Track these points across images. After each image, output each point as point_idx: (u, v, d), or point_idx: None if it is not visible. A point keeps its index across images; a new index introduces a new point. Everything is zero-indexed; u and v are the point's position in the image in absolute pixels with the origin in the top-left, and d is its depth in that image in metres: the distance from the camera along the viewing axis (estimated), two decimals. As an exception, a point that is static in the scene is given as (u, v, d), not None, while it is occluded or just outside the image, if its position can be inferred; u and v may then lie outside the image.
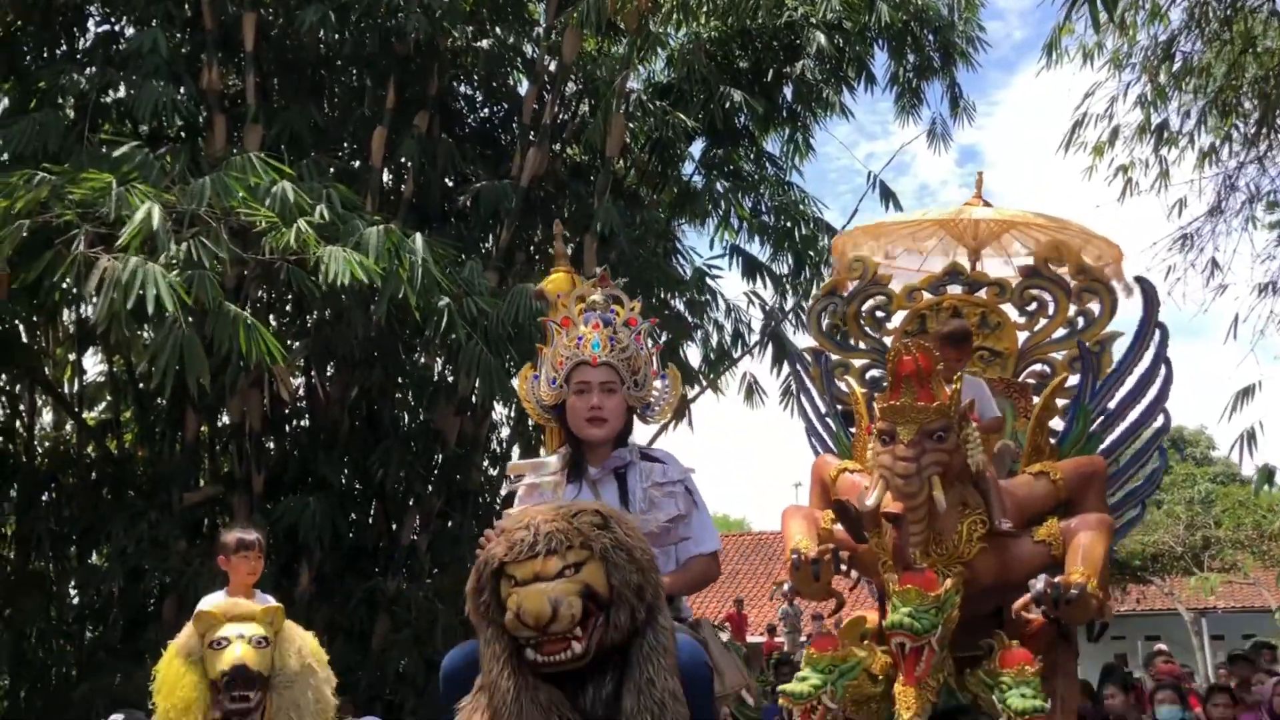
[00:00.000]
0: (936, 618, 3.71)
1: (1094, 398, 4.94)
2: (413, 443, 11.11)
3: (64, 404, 11.78)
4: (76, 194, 6.84)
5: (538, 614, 2.47)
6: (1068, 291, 5.27)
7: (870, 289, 5.39)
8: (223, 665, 3.84)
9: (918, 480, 3.84)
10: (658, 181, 13.32)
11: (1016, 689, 3.71)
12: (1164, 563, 19.94)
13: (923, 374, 3.90)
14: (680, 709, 2.60)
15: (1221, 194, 9.57)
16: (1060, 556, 4.10)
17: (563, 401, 3.39)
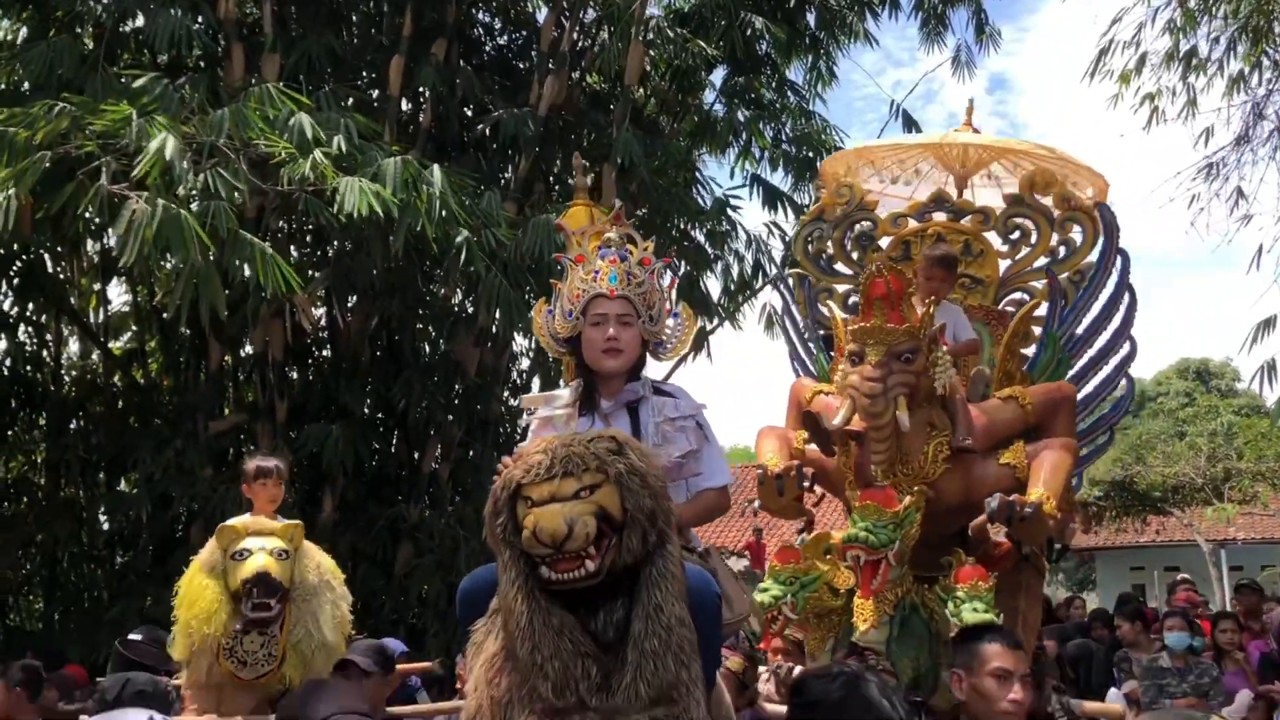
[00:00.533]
0: (894, 533, 3.79)
1: (1062, 325, 4.97)
2: (434, 373, 11.22)
3: (89, 334, 11.94)
4: (97, 125, 6.86)
5: (553, 532, 2.52)
6: (1051, 221, 5.25)
7: (856, 215, 5.36)
8: (245, 574, 3.92)
9: (883, 400, 3.90)
10: (678, 111, 13.19)
11: (969, 603, 3.80)
12: (1184, 494, 19.96)
13: (894, 296, 3.93)
14: (687, 634, 2.66)
15: (1249, 122, 9.41)
16: (1024, 478, 4.16)
17: (578, 334, 3.43)
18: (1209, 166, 9.70)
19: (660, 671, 2.58)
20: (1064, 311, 5.02)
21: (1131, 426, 25.16)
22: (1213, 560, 20.39)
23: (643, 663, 2.58)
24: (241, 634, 4.02)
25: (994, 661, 3.06)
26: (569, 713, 2.59)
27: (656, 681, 2.57)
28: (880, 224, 5.40)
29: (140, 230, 6.27)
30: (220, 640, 4.04)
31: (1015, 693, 3.02)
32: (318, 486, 10.47)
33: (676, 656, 2.60)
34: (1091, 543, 23.86)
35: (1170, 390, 33.32)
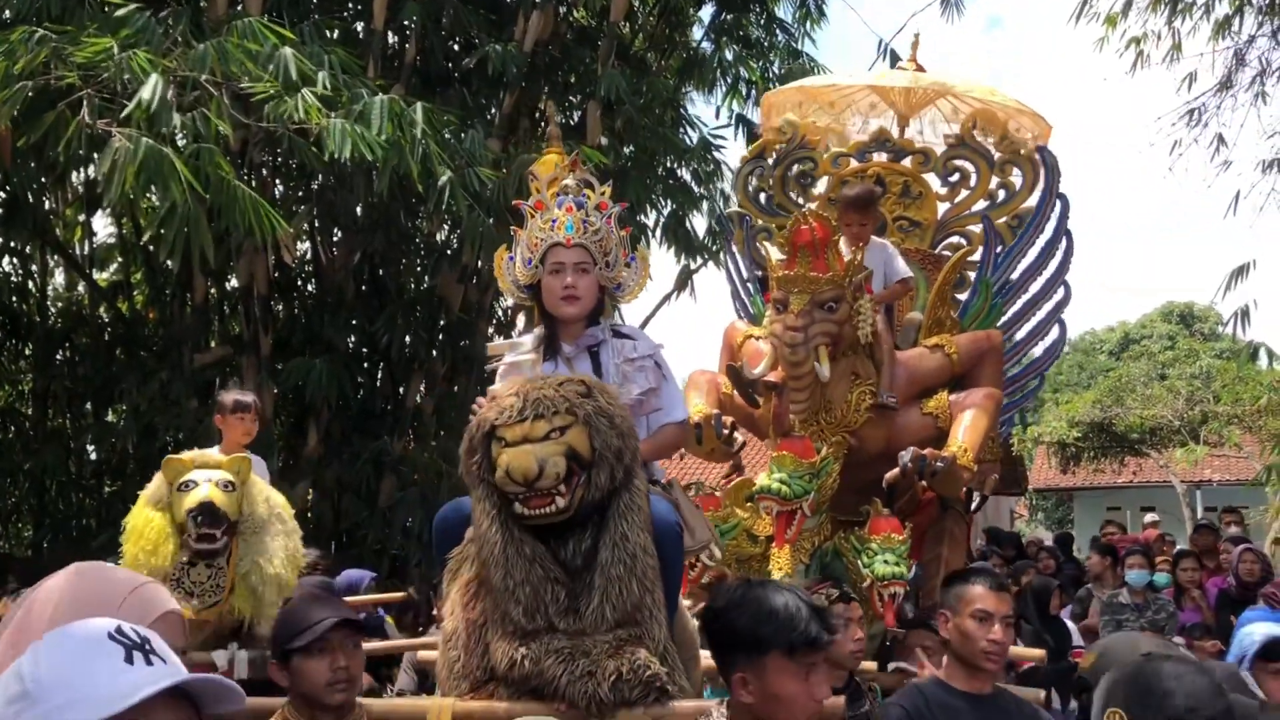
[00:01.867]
0: (809, 484, 3.85)
1: (996, 270, 4.98)
2: (418, 308, 11.28)
3: (75, 265, 11.95)
4: (78, 57, 6.83)
5: (525, 471, 2.67)
6: (991, 163, 5.22)
7: (796, 153, 5.31)
8: (189, 503, 3.88)
9: (804, 349, 3.94)
10: (666, 48, 13.11)
11: (881, 555, 3.88)
12: (1162, 436, 20.22)
13: (818, 244, 3.95)
14: (650, 560, 2.83)
15: (1231, 68, 9.43)
16: (947, 428, 4.22)
17: (538, 281, 3.53)
18: (1191, 112, 9.75)
19: (625, 595, 2.74)
20: (999, 257, 5.02)
21: (1113, 369, 25.40)
22: (1186, 501, 20.72)
23: (608, 587, 2.74)
24: (188, 565, 3.97)
25: (976, 603, 3.19)
26: (539, 634, 2.75)
27: (621, 604, 2.74)
28: (820, 164, 5.35)
29: (123, 168, 6.28)
30: (167, 571, 3.95)
31: (995, 633, 3.16)
32: (302, 420, 10.58)
33: (640, 582, 2.77)
34: (1069, 483, 24.21)
35: (1154, 333, 33.56)
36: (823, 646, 2.41)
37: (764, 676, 2.39)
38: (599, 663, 2.69)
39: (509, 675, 2.77)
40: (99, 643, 1.42)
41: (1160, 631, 6.62)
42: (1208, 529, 8.85)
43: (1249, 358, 8.65)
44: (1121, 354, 30.24)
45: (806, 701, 2.39)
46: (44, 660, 1.40)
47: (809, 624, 2.40)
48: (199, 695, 1.44)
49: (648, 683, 2.68)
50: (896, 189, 5.29)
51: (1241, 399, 17.24)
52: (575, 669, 2.68)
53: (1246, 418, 18.07)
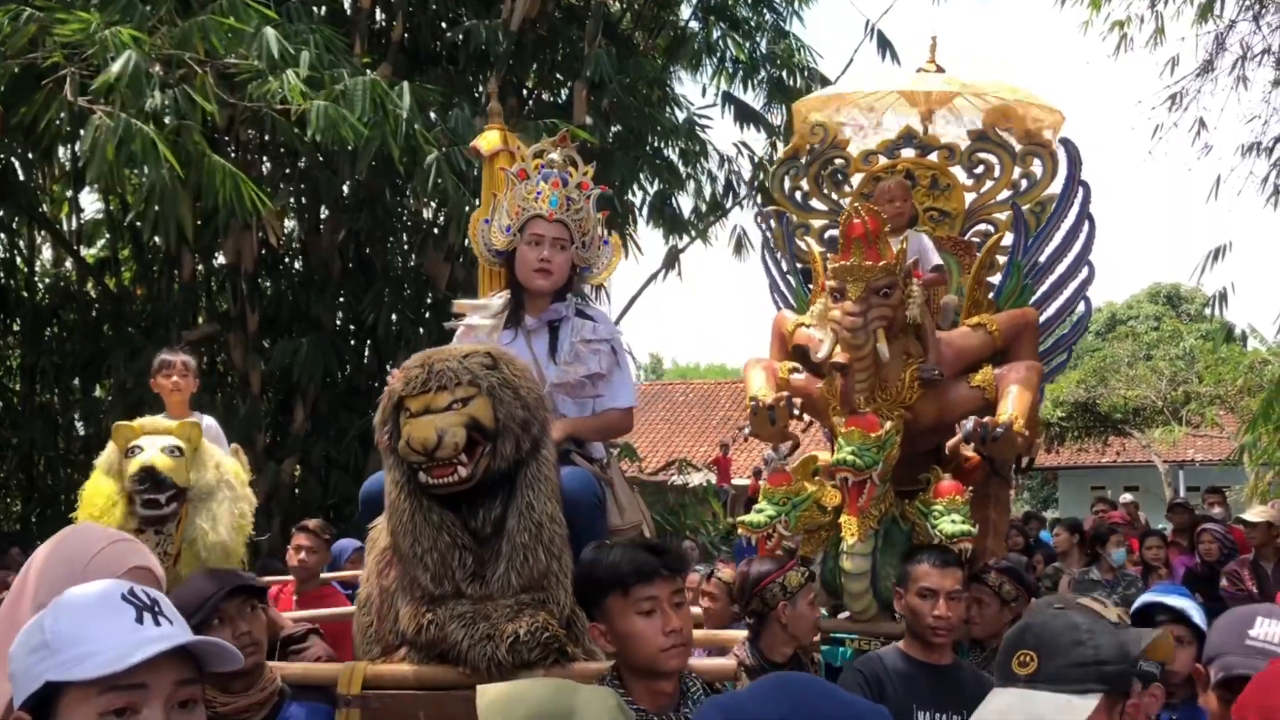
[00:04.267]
0: (878, 455, 4.04)
1: (1025, 254, 5.20)
2: (405, 286, 11.34)
3: (63, 241, 11.97)
4: (62, 34, 6.86)
5: (424, 441, 2.72)
6: (1013, 155, 5.46)
7: (829, 152, 5.57)
8: (132, 468, 3.81)
9: (864, 333, 4.13)
10: (653, 27, 13.14)
11: (947, 515, 4.04)
12: (1145, 416, 20.38)
13: (870, 235, 4.14)
14: (557, 528, 2.89)
15: (1212, 52, 9.52)
16: (993, 399, 4.41)
17: (513, 249, 3.59)
18: (1173, 96, 9.85)
19: (531, 562, 2.82)
20: (1027, 241, 5.24)
21: (1098, 349, 25.55)
22: (1169, 481, 20.91)
23: (514, 554, 2.82)
24: (137, 532, 3.79)
25: (922, 580, 3.35)
26: (446, 599, 2.83)
27: (527, 571, 2.82)
28: (852, 161, 5.61)
29: (103, 144, 6.32)
30: None
31: (940, 609, 3.30)
32: (290, 397, 10.66)
33: (547, 549, 2.85)
34: (1054, 462, 24.39)
35: (1140, 314, 33.71)
36: (654, 578, 2.44)
37: (611, 620, 2.45)
38: (498, 626, 2.75)
39: (417, 639, 2.85)
40: (113, 602, 1.53)
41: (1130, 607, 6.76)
42: (1182, 507, 8.99)
43: (1225, 338, 8.78)
44: (1108, 334, 30.39)
45: (655, 636, 2.41)
46: (63, 616, 1.52)
47: (637, 559, 2.46)
48: (202, 655, 1.56)
49: (545, 644, 2.75)
50: (925, 182, 5.53)
51: (1223, 379, 17.40)
52: (476, 632, 2.75)
53: (1228, 398, 18.25)
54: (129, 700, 1.46)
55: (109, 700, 1.45)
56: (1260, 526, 6.85)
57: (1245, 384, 14.22)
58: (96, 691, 1.45)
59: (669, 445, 22.62)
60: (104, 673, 1.44)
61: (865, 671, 3.33)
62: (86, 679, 1.44)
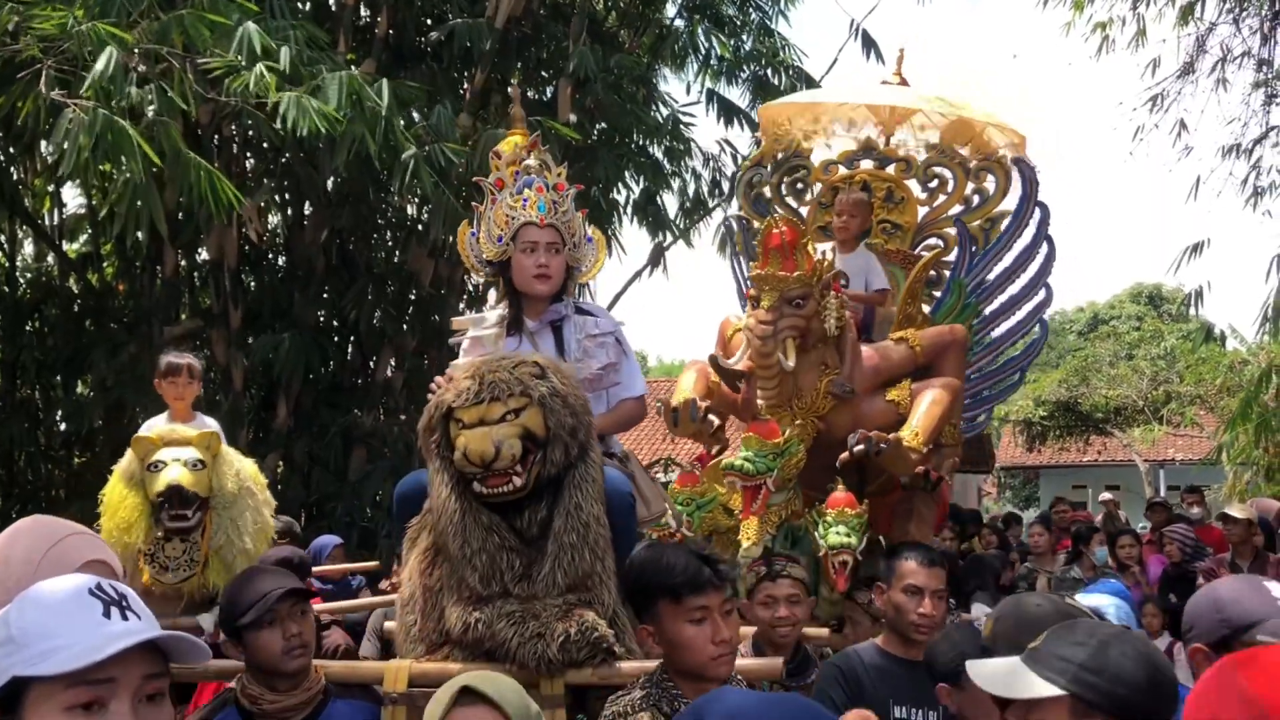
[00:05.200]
0: (773, 462, 4.11)
1: (970, 271, 5.25)
2: (388, 283, 11.32)
3: (44, 236, 11.90)
4: (41, 28, 6.82)
5: (482, 454, 2.79)
6: (967, 170, 5.53)
7: (791, 161, 5.65)
8: (158, 487, 3.93)
9: (773, 342, 4.19)
10: (638, 25, 13.14)
11: (834, 527, 4.11)
12: (1126, 415, 20.50)
13: (787, 246, 4.20)
14: (601, 529, 2.95)
15: (1193, 54, 9.59)
16: (907, 414, 4.47)
17: (506, 259, 3.61)
18: (1154, 98, 9.91)
19: (576, 562, 2.87)
20: (973, 258, 5.29)
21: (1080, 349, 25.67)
22: (1149, 480, 21.04)
23: (560, 554, 2.87)
24: (163, 540, 4.04)
25: (908, 578, 3.36)
26: (493, 599, 2.87)
27: (573, 571, 2.87)
28: (813, 170, 5.67)
29: (77, 138, 6.29)
30: (142, 548, 4.04)
31: (925, 606, 3.32)
32: (272, 393, 10.63)
33: (592, 550, 2.90)
34: (1035, 461, 24.52)
35: (1122, 314, 33.91)
36: (706, 588, 2.51)
37: (661, 625, 2.53)
38: (548, 625, 2.79)
39: (463, 638, 2.89)
40: (80, 597, 1.53)
41: (1107, 606, 6.81)
42: (1161, 506, 9.07)
43: (1204, 338, 8.85)
44: (1090, 334, 30.56)
45: (705, 644, 2.48)
46: (29, 611, 1.51)
47: (690, 569, 2.52)
48: (170, 649, 1.57)
49: (595, 644, 2.80)
50: (881, 194, 5.60)
51: (1204, 379, 17.51)
52: (526, 631, 2.79)
53: (1208, 398, 18.37)
54: (96, 695, 1.47)
55: (76, 695, 1.45)
56: (1242, 523, 6.90)
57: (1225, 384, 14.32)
58: (64, 686, 1.45)
59: (653, 444, 22.61)
60: (72, 668, 1.44)
61: (843, 667, 3.36)
62: (54, 674, 1.44)
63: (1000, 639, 2.19)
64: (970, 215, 5.51)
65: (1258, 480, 11.68)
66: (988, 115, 5.57)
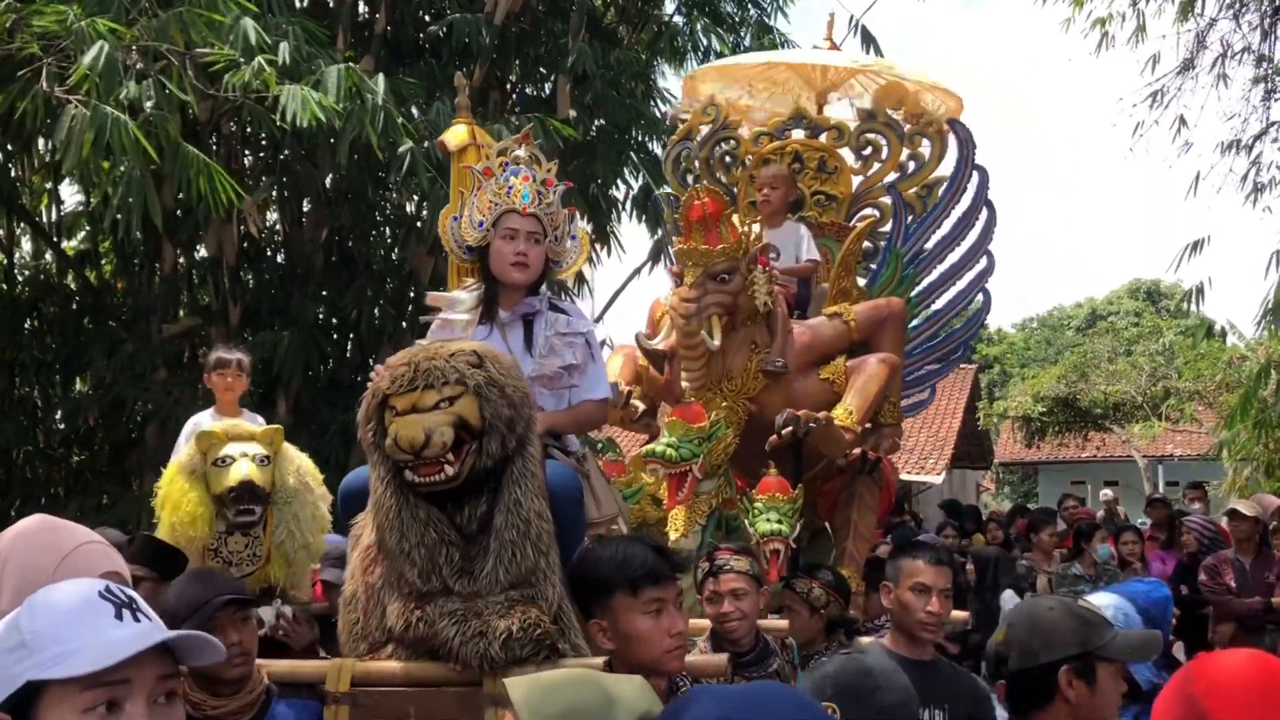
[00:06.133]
0: (699, 448, 3.99)
1: (906, 241, 5.10)
2: (387, 280, 11.29)
3: (42, 234, 11.86)
4: (39, 25, 6.81)
5: (411, 440, 2.72)
6: (901, 135, 5.36)
7: (720, 133, 5.47)
8: (229, 481, 3.90)
9: (697, 320, 4.07)
10: (637, 21, 13.11)
11: (765, 514, 4.01)
12: (1125, 412, 20.50)
13: (710, 219, 4.07)
14: (544, 524, 2.89)
15: (1193, 50, 9.58)
16: (843, 392, 4.35)
17: (486, 245, 3.58)
18: (1154, 94, 9.90)
19: (518, 559, 2.81)
20: (909, 228, 5.14)
21: (1079, 344, 25.68)
22: (1148, 476, 21.05)
23: (502, 551, 2.81)
24: (225, 535, 4.00)
25: (915, 576, 3.30)
26: (434, 596, 2.83)
27: (515, 567, 2.81)
28: (743, 143, 5.50)
29: (79, 135, 6.27)
30: (206, 542, 4.09)
31: (932, 605, 3.27)
32: (271, 391, 10.60)
33: (535, 545, 2.84)
34: (1034, 457, 24.53)
35: (1120, 309, 33.92)
36: (663, 580, 2.49)
37: (615, 618, 2.49)
38: (490, 623, 2.75)
39: (405, 636, 2.85)
40: (91, 600, 1.53)
41: (1112, 603, 6.80)
42: (1161, 503, 9.07)
43: (1204, 334, 8.83)
44: (1088, 330, 30.56)
45: (661, 637, 2.45)
46: (40, 615, 1.50)
47: (649, 561, 2.50)
48: (182, 650, 1.56)
49: (538, 641, 2.74)
50: (813, 164, 5.42)
51: (1202, 375, 17.52)
52: (468, 629, 2.75)
53: (1207, 393, 18.38)
54: (112, 696, 1.47)
55: (92, 697, 1.46)
56: (1249, 520, 6.88)
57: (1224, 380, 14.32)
58: (79, 689, 1.45)
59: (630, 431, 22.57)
60: (88, 670, 1.44)
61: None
62: (70, 677, 1.44)
63: (1015, 645, 2.17)
64: (905, 182, 5.33)
65: (1258, 476, 11.68)
66: (920, 76, 5.44)
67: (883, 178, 5.43)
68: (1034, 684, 2.27)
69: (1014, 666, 2.28)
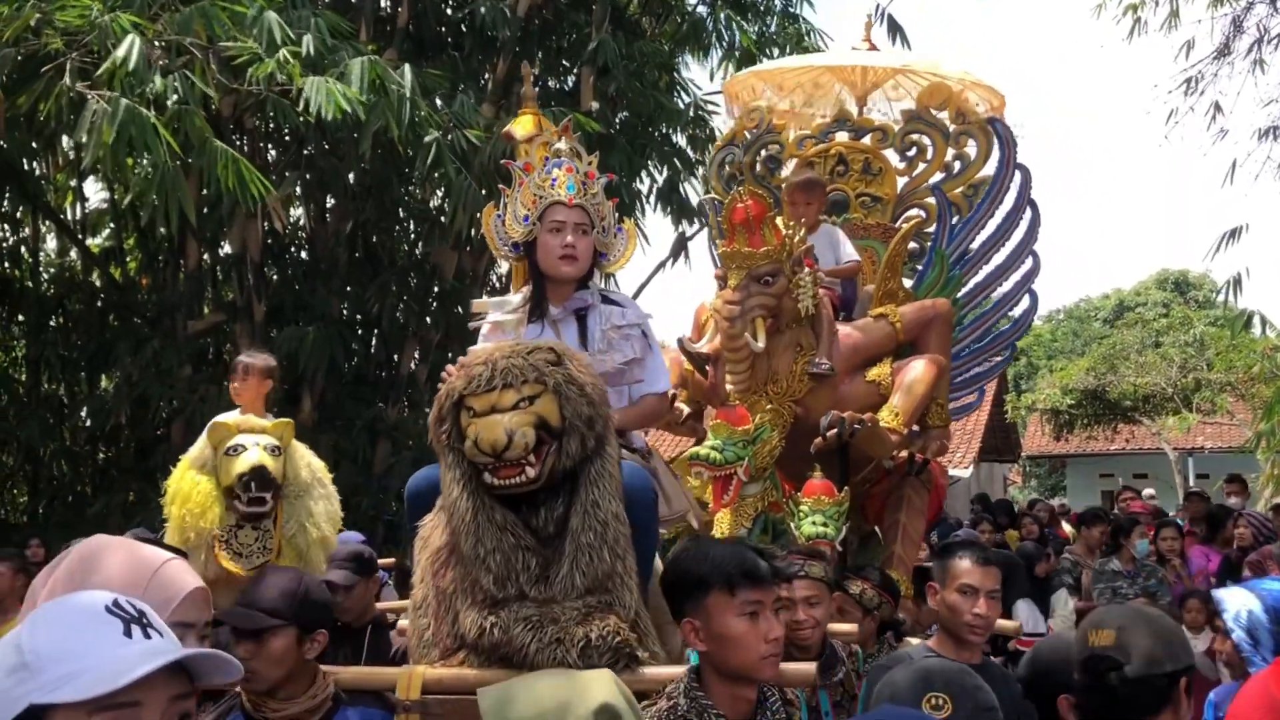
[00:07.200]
0: (743, 450, 3.90)
1: (952, 241, 5.02)
2: (411, 276, 11.25)
3: (67, 231, 11.89)
4: (62, 21, 6.78)
5: (494, 442, 2.64)
6: (946, 135, 5.28)
7: (765, 138, 5.43)
8: (241, 468, 3.87)
9: (741, 322, 3.99)
10: (660, 12, 13.01)
11: (810, 516, 3.93)
12: (1155, 404, 20.23)
13: (753, 221, 3.99)
14: (621, 527, 2.80)
15: (1229, 35, 9.38)
16: (889, 395, 4.27)
17: (531, 240, 3.49)
18: (1188, 80, 9.71)
19: (595, 563, 2.72)
20: (955, 228, 5.06)
21: (1107, 336, 25.42)
22: (1179, 468, 20.79)
23: (579, 555, 2.72)
24: (235, 528, 3.98)
25: (962, 578, 3.22)
26: (509, 602, 2.73)
27: (591, 572, 2.72)
28: (787, 147, 5.47)
29: (100, 129, 6.24)
30: (215, 534, 4.06)
31: (980, 607, 3.19)
32: (297, 386, 10.58)
33: (612, 549, 2.75)
34: (1062, 450, 24.28)
35: (1148, 300, 33.58)
36: (763, 582, 2.41)
37: (709, 618, 2.40)
38: (567, 630, 2.67)
39: (478, 643, 2.75)
40: (97, 615, 1.40)
41: (1153, 598, 6.67)
42: (1198, 497, 8.90)
43: (1243, 325, 8.65)
44: (1116, 321, 30.25)
45: (756, 641, 2.36)
46: (42, 632, 1.38)
47: (747, 560, 2.41)
48: (195, 668, 1.44)
49: (616, 649, 2.66)
50: (858, 166, 5.36)
51: (1235, 366, 17.25)
52: (544, 636, 2.66)
53: (1239, 385, 18.11)
54: (121, 719, 1.35)
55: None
56: None
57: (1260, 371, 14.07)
58: (87, 713, 1.33)
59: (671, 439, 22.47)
60: (95, 693, 1.32)
61: None
62: (76, 701, 1.32)
63: (1137, 650, 2.08)
64: (951, 183, 5.26)
65: (1293, 469, 11.48)
66: (962, 75, 5.35)
67: (928, 178, 5.36)
68: (1154, 692, 2.16)
69: (1136, 672, 2.15)
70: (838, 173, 5.34)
